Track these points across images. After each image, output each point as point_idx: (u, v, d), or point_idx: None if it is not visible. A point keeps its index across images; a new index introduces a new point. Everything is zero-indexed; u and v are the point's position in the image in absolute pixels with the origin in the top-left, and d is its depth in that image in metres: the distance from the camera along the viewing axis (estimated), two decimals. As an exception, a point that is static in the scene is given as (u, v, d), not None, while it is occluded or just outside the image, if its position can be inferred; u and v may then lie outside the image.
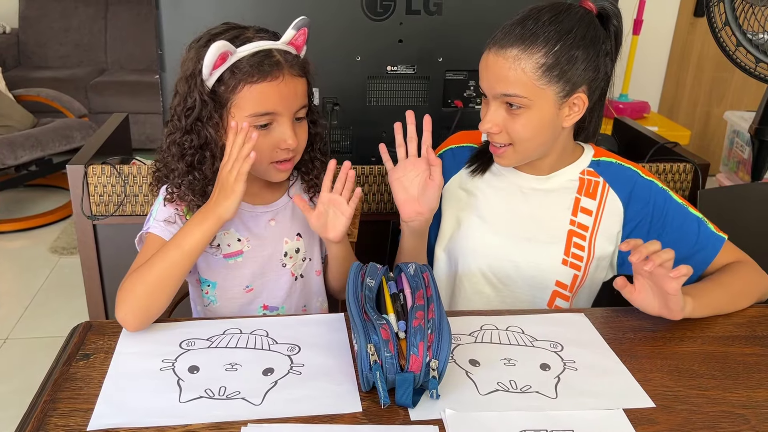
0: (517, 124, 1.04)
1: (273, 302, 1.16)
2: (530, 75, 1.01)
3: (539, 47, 1.00)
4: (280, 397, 0.83)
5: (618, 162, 1.17)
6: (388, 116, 1.60)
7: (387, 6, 1.51)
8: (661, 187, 1.15)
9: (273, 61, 1.01)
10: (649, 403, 0.85)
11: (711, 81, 3.96)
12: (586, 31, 1.02)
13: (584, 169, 1.16)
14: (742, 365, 0.94)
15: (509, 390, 0.86)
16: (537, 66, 1.01)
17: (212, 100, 1.02)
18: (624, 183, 1.15)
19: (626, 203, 1.15)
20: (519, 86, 1.02)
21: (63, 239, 3.02)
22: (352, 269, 0.94)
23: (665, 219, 1.14)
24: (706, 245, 1.13)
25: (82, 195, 1.48)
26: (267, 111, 1.02)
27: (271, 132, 1.04)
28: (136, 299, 0.96)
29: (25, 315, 2.46)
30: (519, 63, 1.01)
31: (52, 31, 4.25)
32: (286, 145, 1.04)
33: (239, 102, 1.01)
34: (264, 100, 1.01)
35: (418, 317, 0.84)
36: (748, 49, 1.59)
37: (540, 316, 1.05)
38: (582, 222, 1.15)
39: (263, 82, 1.00)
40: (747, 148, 2.82)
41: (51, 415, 0.79)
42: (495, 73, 1.03)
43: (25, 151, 3.08)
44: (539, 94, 1.02)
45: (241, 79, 1.00)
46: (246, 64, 1.00)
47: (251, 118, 1.01)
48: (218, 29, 1.05)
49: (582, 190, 1.15)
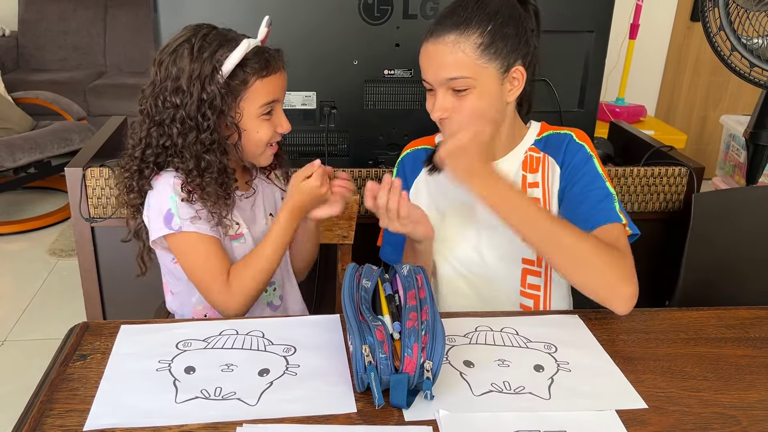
0: (466, 105, 1.08)
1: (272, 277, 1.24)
2: (470, 55, 1.06)
3: (474, 29, 1.06)
4: (275, 397, 0.84)
5: (556, 132, 1.21)
6: (385, 120, 1.61)
7: (384, 10, 1.52)
8: (589, 152, 1.16)
9: (271, 56, 1.12)
10: (641, 404, 0.85)
11: (707, 85, 3.98)
12: (512, 11, 1.10)
13: (528, 147, 1.20)
14: (734, 367, 0.94)
15: (503, 391, 0.87)
16: (475, 46, 1.06)
17: (228, 91, 1.08)
18: (558, 147, 1.18)
19: (561, 164, 1.17)
20: (462, 68, 1.06)
21: (61, 241, 3.03)
22: (348, 270, 0.95)
23: (577, 176, 1.14)
24: (598, 214, 1.10)
25: (81, 197, 1.49)
26: (274, 98, 1.14)
27: (271, 118, 1.15)
28: (254, 293, 1.13)
29: (22, 317, 2.46)
30: (458, 46, 1.06)
31: (51, 34, 4.26)
32: (282, 129, 1.16)
33: (250, 95, 1.11)
34: (271, 91, 1.13)
35: (411, 318, 0.85)
36: (743, 53, 1.60)
37: (534, 317, 1.06)
38: (533, 196, 1.17)
39: (272, 75, 1.12)
40: (743, 152, 2.84)
41: (48, 415, 0.80)
42: (437, 60, 1.08)
43: (24, 153, 3.08)
44: (482, 73, 1.07)
45: (253, 73, 1.10)
46: (253, 60, 1.09)
47: (261, 108, 1.12)
48: (205, 29, 1.11)
49: (527, 166, 1.19)
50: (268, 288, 1.24)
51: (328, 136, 1.59)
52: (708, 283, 1.55)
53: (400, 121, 1.61)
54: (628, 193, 1.64)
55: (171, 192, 1.11)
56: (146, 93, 1.11)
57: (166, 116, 1.08)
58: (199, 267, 1.12)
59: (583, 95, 1.67)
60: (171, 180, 1.11)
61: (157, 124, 1.09)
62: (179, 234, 1.10)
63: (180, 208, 1.10)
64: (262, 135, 1.13)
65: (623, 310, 1.02)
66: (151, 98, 1.09)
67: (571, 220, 1.09)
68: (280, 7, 1.48)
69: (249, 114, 1.12)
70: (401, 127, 1.62)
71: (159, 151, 1.11)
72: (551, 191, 1.17)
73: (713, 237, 1.55)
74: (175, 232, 1.10)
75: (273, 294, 1.26)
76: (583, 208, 1.11)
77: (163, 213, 1.11)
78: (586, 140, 1.18)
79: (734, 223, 1.57)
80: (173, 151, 1.10)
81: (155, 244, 1.15)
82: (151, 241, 1.14)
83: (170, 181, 1.11)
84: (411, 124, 1.61)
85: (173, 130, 1.08)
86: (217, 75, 1.07)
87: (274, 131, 1.16)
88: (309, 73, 1.54)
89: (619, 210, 1.11)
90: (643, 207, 1.66)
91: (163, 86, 1.08)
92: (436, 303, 1.21)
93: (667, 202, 1.66)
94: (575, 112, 1.68)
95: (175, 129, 1.08)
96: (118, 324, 0.99)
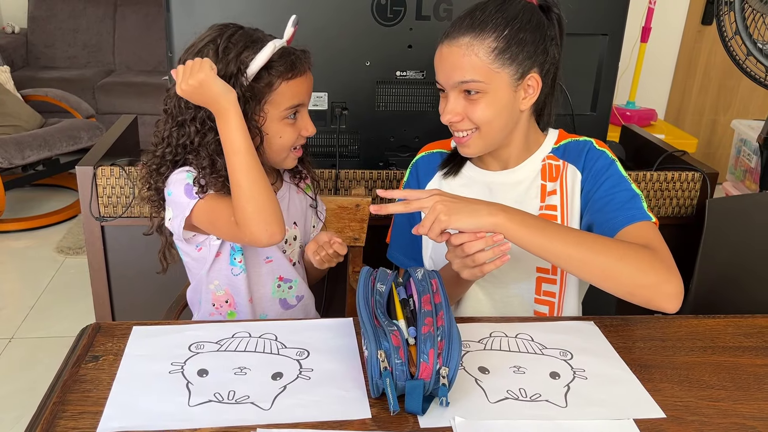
0: (478, 108, 1.07)
1: (288, 275, 1.24)
2: (484, 59, 1.04)
3: (489, 33, 1.04)
4: (289, 402, 0.83)
5: (575, 139, 1.19)
6: (397, 121, 1.60)
7: (397, 11, 1.51)
8: (611, 157, 1.14)
9: (297, 57, 1.10)
10: (659, 413, 0.84)
11: (718, 89, 3.96)
12: (531, 16, 1.07)
13: (546, 155, 1.18)
14: (753, 376, 0.93)
15: (519, 398, 0.86)
16: (489, 50, 1.04)
17: (251, 94, 1.07)
18: (578, 154, 1.16)
19: (582, 168, 1.16)
20: (475, 71, 1.05)
21: (69, 239, 3.03)
22: (362, 274, 0.94)
23: (600, 180, 1.12)
24: (626, 214, 1.07)
25: (91, 196, 1.48)
26: (300, 102, 1.12)
27: (296, 121, 1.13)
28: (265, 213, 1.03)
29: (30, 315, 2.46)
30: (472, 49, 1.04)
31: (61, 32, 4.27)
32: (307, 133, 1.14)
33: (275, 98, 1.09)
34: (297, 94, 1.11)
35: (427, 324, 0.84)
36: (758, 58, 1.59)
37: (549, 323, 1.05)
38: (550, 203, 1.15)
39: (297, 78, 1.09)
40: (754, 156, 2.82)
41: (60, 417, 0.79)
42: (450, 62, 1.06)
43: (33, 150, 3.09)
44: (494, 78, 1.05)
45: (278, 75, 1.08)
46: (279, 62, 1.07)
47: (286, 111, 1.10)
48: (231, 30, 1.08)
49: (546, 175, 1.17)
50: (282, 284, 1.24)
51: (339, 137, 1.59)
52: (722, 288, 1.54)
53: (412, 122, 1.60)
54: (640, 197, 1.62)
55: (186, 172, 1.10)
56: (171, 93, 1.10)
57: (188, 116, 1.07)
58: (225, 222, 1.07)
59: (596, 98, 1.66)
60: (186, 167, 1.11)
61: (179, 124, 1.09)
62: (201, 202, 1.07)
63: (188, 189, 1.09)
64: (285, 140, 1.12)
65: (671, 308, 0.98)
66: (175, 98, 1.08)
67: (599, 222, 1.08)
68: (293, 7, 1.47)
69: (273, 117, 1.10)
70: (412, 129, 1.61)
71: (178, 150, 1.10)
72: (571, 198, 1.15)
73: (727, 243, 1.54)
74: (198, 200, 1.08)
75: (288, 292, 1.25)
76: (610, 208, 1.09)
77: (182, 192, 1.09)
78: (605, 147, 1.16)
79: (748, 229, 1.55)
80: (190, 149, 1.09)
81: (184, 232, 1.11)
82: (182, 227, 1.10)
83: (185, 168, 1.11)
84: (422, 126, 1.60)
85: (191, 129, 1.07)
86: (241, 77, 1.05)
87: (299, 135, 1.14)
88: (321, 74, 1.52)
89: (648, 209, 1.08)
90: (655, 212, 1.64)
91: None
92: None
93: (680, 207, 1.65)
94: (588, 116, 1.66)
95: (194, 128, 1.07)
96: (130, 325, 0.98)
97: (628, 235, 1.04)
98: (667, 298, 0.98)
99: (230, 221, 1.06)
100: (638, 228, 1.05)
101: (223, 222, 1.09)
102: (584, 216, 1.14)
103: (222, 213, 1.08)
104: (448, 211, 0.96)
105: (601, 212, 1.10)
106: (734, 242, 1.55)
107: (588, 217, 1.13)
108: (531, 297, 1.17)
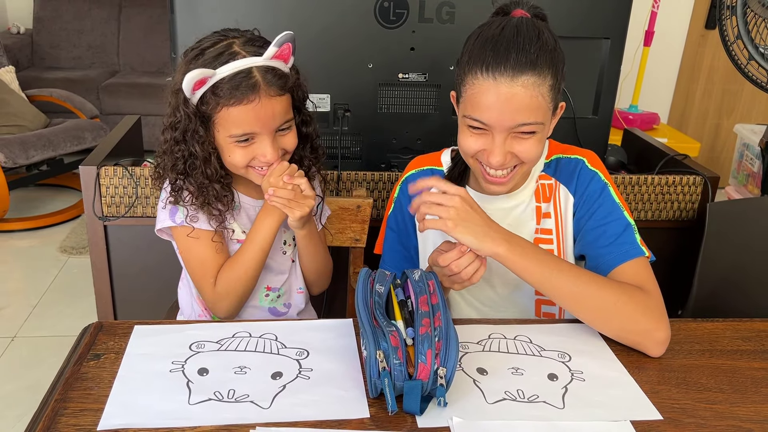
0: (528, 146, 1.01)
1: (274, 284, 1.25)
2: (547, 99, 0.99)
3: (546, 68, 0.97)
4: (288, 401, 0.83)
5: (566, 156, 1.15)
6: (399, 123, 1.61)
7: (400, 14, 1.51)
8: (604, 180, 1.11)
9: (251, 83, 1.02)
10: (656, 415, 0.85)
11: (721, 93, 3.96)
12: (555, 41, 1.01)
13: (539, 174, 1.15)
14: (750, 380, 0.93)
15: (517, 399, 0.86)
16: (549, 89, 0.99)
17: (197, 116, 1.06)
18: (570, 174, 1.13)
19: (574, 192, 1.13)
20: (540, 113, 0.99)
21: (72, 239, 3.04)
22: (361, 275, 0.94)
23: (593, 207, 1.10)
24: (620, 248, 1.05)
25: (94, 196, 1.49)
26: (245, 132, 1.06)
27: (250, 146, 1.08)
28: (237, 297, 1.16)
29: (33, 314, 2.47)
30: (538, 89, 0.97)
31: (66, 33, 4.29)
32: (264, 159, 1.08)
33: (219, 122, 1.06)
34: (241, 123, 1.05)
35: (424, 324, 0.84)
36: (761, 63, 1.59)
37: (548, 325, 1.05)
38: (545, 227, 1.14)
39: (239, 105, 1.03)
40: (756, 161, 2.82)
41: (62, 414, 0.80)
42: (513, 104, 0.97)
43: (37, 150, 3.11)
44: (549, 116, 1.02)
45: (219, 101, 1.03)
46: (225, 86, 1.02)
47: (231, 138, 1.06)
48: (208, 42, 1.07)
49: (540, 197, 1.15)
50: (270, 293, 1.24)
51: (341, 139, 1.59)
52: (722, 293, 1.54)
53: (414, 124, 1.61)
54: (641, 201, 1.63)
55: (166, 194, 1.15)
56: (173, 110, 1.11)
57: (177, 153, 1.10)
58: (194, 263, 1.17)
59: (598, 102, 1.66)
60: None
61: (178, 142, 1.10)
62: (180, 227, 1.14)
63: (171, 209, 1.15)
64: (234, 160, 1.08)
65: (657, 353, 0.97)
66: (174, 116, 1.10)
67: (592, 256, 1.06)
68: (296, 8, 1.48)
69: (221, 136, 1.07)
70: (414, 131, 1.62)
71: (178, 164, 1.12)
72: (565, 222, 1.13)
73: (727, 247, 1.54)
74: (177, 225, 1.14)
75: (276, 301, 1.26)
76: (602, 243, 1.06)
77: (168, 207, 1.15)
78: (598, 166, 1.13)
79: (749, 233, 1.56)
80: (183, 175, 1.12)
81: (160, 232, 1.19)
82: (156, 230, 1.18)
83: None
84: (424, 128, 1.61)
85: (168, 135, 1.10)
86: (181, 94, 1.05)
87: (254, 158, 1.08)
88: (323, 76, 1.54)
89: (641, 241, 1.06)
90: (656, 215, 1.65)
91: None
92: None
93: (681, 210, 1.65)
94: (590, 119, 1.67)
95: (162, 136, 1.11)
96: (132, 324, 0.99)
97: (623, 274, 1.03)
98: (655, 345, 0.97)
99: (197, 266, 1.16)
100: (632, 267, 1.03)
101: (191, 267, 1.17)
102: (576, 244, 1.13)
103: (194, 257, 1.16)
104: (458, 220, 0.96)
105: (593, 246, 1.08)
106: (735, 246, 1.55)
107: (580, 246, 1.12)
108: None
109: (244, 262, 1.15)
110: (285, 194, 1.08)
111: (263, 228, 1.14)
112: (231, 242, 1.19)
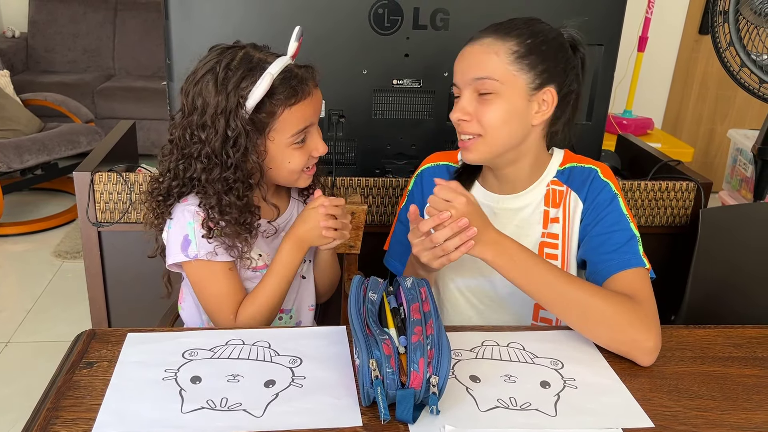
0: (488, 111, 1.06)
1: (287, 306, 1.22)
2: (503, 59, 1.05)
3: (513, 37, 1.05)
4: (280, 409, 0.83)
5: (580, 165, 1.17)
6: (393, 129, 1.61)
7: (394, 21, 1.52)
8: (614, 191, 1.13)
9: (300, 79, 1.06)
10: (648, 422, 0.85)
11: (715, 99, 3.98)
12: (556, 37, 1.09)
13: (550, 180, 1.16)
14: (741, 387, 0.94)
15: (509, 407, 0.86)
16: (510, 52, 1.05)
17: (253, 128, 1.04)
18: (583, 182, 1.15)
19: (584, 199, 1.14)
20: (492, 68, 1.05)
21: (66, 243, 3.04)
22: (354, 283, 0.94)
23: (601, 215, 1.11)
24: (621, 258, 1.06)
25: (88, 202, 1.49)
26: (305, 127, 1.09)
27: (305, 145, 1.10)
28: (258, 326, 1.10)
29: (27, 319, 2.46)
30: (493, 47, 1.05)
31: (61, 36, 4.29)
32: (318, 153, 1.12)
33: (279, 126, 1.06)
34: (302, 118, 1.08)
35: (416, 333, 0.84)
36: (752, 69, 1.60)
37: (541, 332, 1.05)
38: (552, 231, 1.15)
39: (301, 102, 1.06)
40: (750, 166, 2.83)
41: (53, 423, 0.80)
42: (469, 60, 1.07)
43: (32, 155, 3.10)
44: (510, 81, 1.05)
45: (280, 104, 1.05)
46: (280, 88, 1.04)
47: (292, 137, 1.08)
48: (229, 55, 1.05)
49: (549, 201, 1.16)
50: (283, 316, 1.23)
51: (336, 145, 1.60)
52: (714, 298, 1.54)
53: (408, 130, 1.62)
54: (635, 207, 1.63)
55: (191, 218, 1.08)
56: (176, 122, 1.08)
57: (194, 150, 1.05)
58: (210, 298, 1.12)
59: (592, 108, 1.67)
60: (192, 209, 1.09)
61: (185, 157, 1.07)
62: (194, 262, 1.10)
63: (197, 235, 1.08)
64: (294, 164, 1.09)
65: (646, 362, 0.97)
66: (180, 129, 1.06)
67: (593, 262, 1.07)
68: (291, 15, 1.49)
69: (279, 144, 1.07)
70: (409, 137, 1.62)
71: (185, 182, 1.09)
72: (572, 228, 1.14)
73: (720, 253, 1.55)
74: (190, 259, 1.09)
75: (289, 321, 1.25)
76: (605, 249, 1.08)
77: (180, 239, 1.09)
78: (611, 178, 1.14)
79: (741, 239, 1.56)
80: (198, 187, 1.08)
81: (171, 266, 1.14)
82: (167, 265, 1.13)
83: (191, 209, 1.09)
84: (419, 134, 1.62)
85: (198, 166, 1.06)
86: (241, 110, 1.02)
87: (309, 156, 1.11)
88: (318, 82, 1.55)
89: (643, 253, 1.07)
90: (649, 221, 1.65)
91: (190, 120, 1.05)
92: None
93: (674, 216, 1.66)
94: (583, 125, 1.67)
95: (200, 164, 1.06)
96: (125, 332, 0.99)
97: (620, 281, 1.04)
98: (643, 354, 0.97)
99: (213, 300, 1.12)
100: (630, 275, 1.04)
101: (205, 300, 1.13)
102: (580, 249, 1.14)
103: (209, 293, 1.12)
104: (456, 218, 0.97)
105: (596, 252, 1.09)
106: (728, 252, 1.56)
107: (583, 252, 1.13)
108: (529, 322, 1.18)
109: (268, 295, 1.12)
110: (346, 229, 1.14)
111: (292, 261, 1.12)
112: (242, 269, 1.15)
